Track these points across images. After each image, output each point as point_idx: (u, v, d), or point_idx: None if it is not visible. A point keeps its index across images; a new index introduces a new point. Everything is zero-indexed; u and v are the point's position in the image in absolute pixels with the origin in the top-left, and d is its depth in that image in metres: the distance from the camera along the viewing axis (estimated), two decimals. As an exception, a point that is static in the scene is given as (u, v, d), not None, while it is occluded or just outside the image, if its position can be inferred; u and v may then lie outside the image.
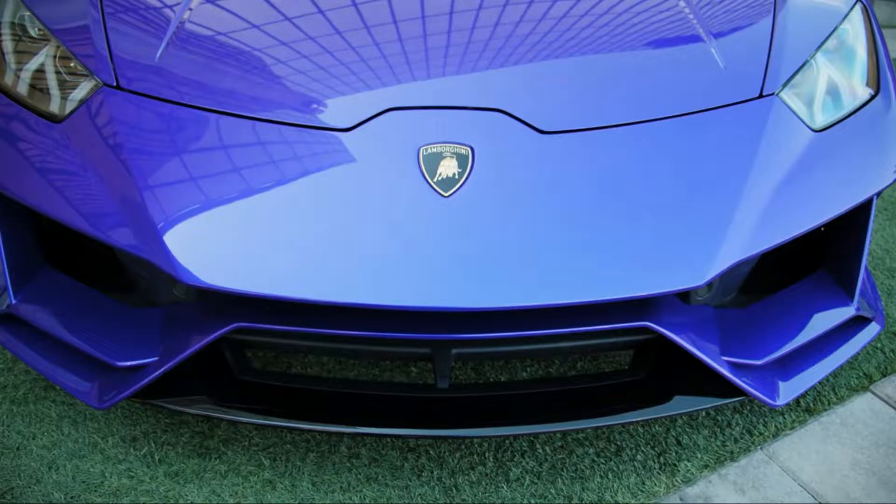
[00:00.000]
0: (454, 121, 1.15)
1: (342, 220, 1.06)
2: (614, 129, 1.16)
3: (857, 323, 1.42)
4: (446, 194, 1.08)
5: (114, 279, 1.34)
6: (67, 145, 1.19)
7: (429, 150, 1.11)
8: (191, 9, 1.37)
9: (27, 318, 1.28)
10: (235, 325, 1.09)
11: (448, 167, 1.10)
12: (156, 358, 1.17)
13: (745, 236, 1.10)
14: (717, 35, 1.36)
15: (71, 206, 1.14)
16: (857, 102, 1.35)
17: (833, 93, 1.35)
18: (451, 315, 1.09)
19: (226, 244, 1.06)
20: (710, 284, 1.10)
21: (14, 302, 1.29)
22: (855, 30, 1.46)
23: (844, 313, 1.35)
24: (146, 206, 1.08)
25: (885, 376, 1.59)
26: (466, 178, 1.09)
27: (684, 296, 1.21)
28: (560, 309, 1.06)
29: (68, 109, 1.23)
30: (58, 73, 1.29)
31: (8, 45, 1.38)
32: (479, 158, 1.11)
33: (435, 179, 1.09)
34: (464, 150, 1.12)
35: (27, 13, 1.39)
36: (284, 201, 1.09)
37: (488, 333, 1.08)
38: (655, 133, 1.17)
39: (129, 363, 1.18)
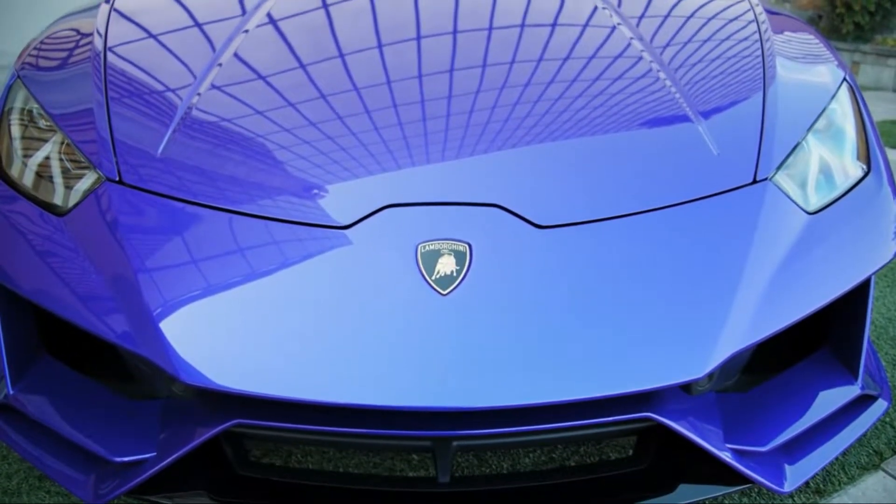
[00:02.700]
0: (452, 217, 1.16)
1: (342, 319, 1.07)
2: (611, 221, 1.17)
3: (864, 401, 1.40)
4: (444, 292, 1.08)
5: (112, 368, 1.33)
6: (69, 240, 1.20)
7: (427, 248, 1.12)
8: (199, 94, 1.40)
9: (23, 410, 1.27)
10: (235, 421, 1.09)
11: (446, 265, 1.11)
12: (154, 453, 1.15)
13: (745, 325, 1.10)
14: (707, 115, 1.38)
15: (70, 302, 1.14)
16: (850, 182, 1.37)
17: (826, 173, 1.37)
18: (452, 412, 1.08)
19: (225, 343, 1.06)
20: (710, 375, 1.10)
21: (11, 393, 1.28)
22: (843, 109, 1.50)
23: (849, 393, 1.33)
24: (146, 304, 1.08)
25: (895, 453, 1.57)
26: (464, 276, 1.10)
27: (686, 386, 1.20)
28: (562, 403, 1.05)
29: (71, 202, 1.24)
30: (62, 165, 1.31)
31: (16, 132, 1.41)
32: (477, 255, 1.12)
33: (433, 277, 1.09)
34: (461, 247, 1.13)
35: (35, 105, 1.43)
36: (284, 300, 1.09)
37: (488, 429, 1.07)
38: (652, 224, 1.18)
39: (126, 459, 1.16)
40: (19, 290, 1.22)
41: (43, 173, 1.32)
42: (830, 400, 1.31)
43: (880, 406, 1.41)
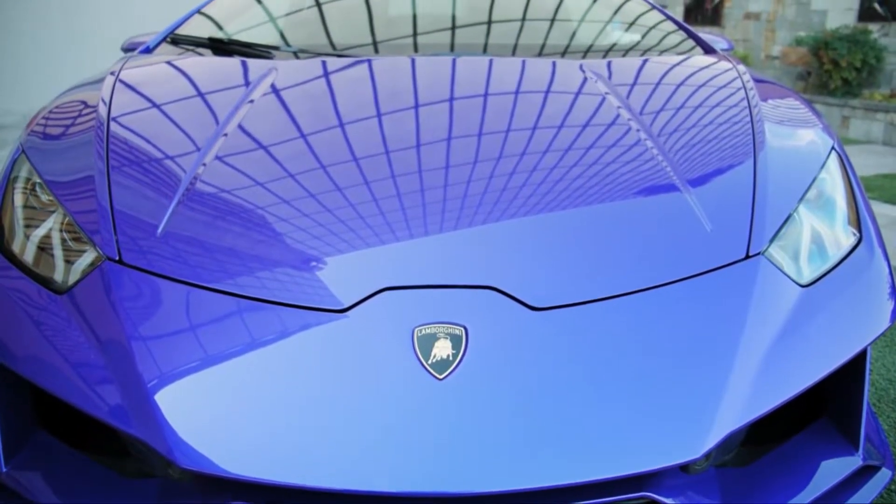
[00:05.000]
0: (447, 300, 1.17)
1: (339, 404, 1.07)
2: (606, 301, 1.18)
3: (867, 471, 1.38)
4: (440, 377, 1.09)
5: (108, 445, 1.32)
6: (66, 319, 1.20)
7: (423, 332, 1.13)
8: (204, 164, 1.42)
9: (16, 488, 1.26)
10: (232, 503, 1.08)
11: (442, 349, 1.11)
12: (148, 536, 1.14)
13: (741, 404, 1.10)
14: (699, 188, 1.40)
15: (67, 382, 1.14)
16: (842, 253, 1.38)
17: (818, 244, 1.38)
18: (451, 498, 1.07)
19: (223, 428, 1.06)
20: (708, 455, 1.09)
21: (4, 470, 1.27)
22: (833, 179, 1.52)
23: (851, 464, 1.32)
24: (144, 387, 1.09)
25: (901, 523, 1.54)
26: (461, 360, 1.10)
27: (684, 465, 1.19)
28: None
29: (71, 281, 1.25)
30: (63, 241, 1.32)
31: (19, 207, 1.43)
32: (473, 339, 1.13)
33: (429, 362, 1.10)
34: (457, 331, 1.13)
35: (38, 180, 1.45)
36: (281, 384, 1.09)
37: None
38: (646, 303, 1.19)
39: (120, 542, 1.14)
40: (14, 367, 1.22)
41: (44, 248, 1.33)
42: (832, 472, 1.30)
43: (884, 476, 1.39)
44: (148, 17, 6.26)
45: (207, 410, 1.08)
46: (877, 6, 7.76)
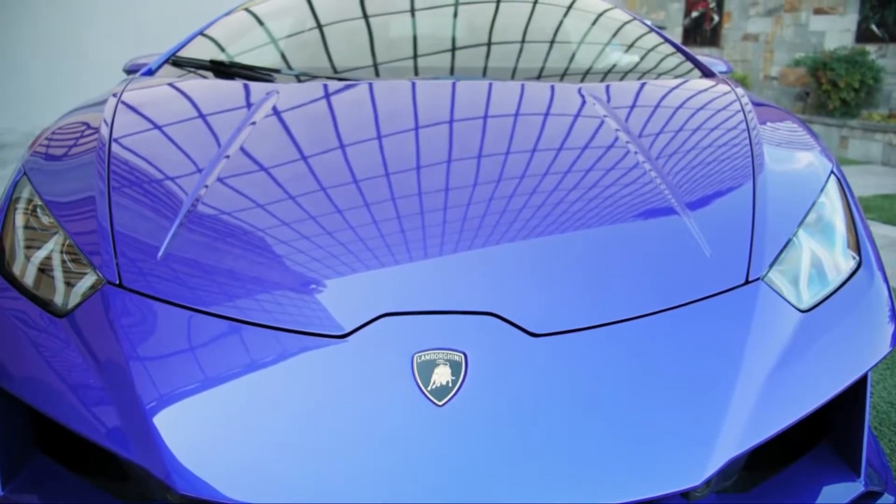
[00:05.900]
0: (447, 326, 1.17)
1: (338, 431, 1.07)
2: (605, 327, 1.18)
3: (869, 497, 1.38)
4: (440, 403, 1.08)
5: (107, 468, 1.31)
6: (65, 342, 1.20)
7: (423, 358, 1.13)
8: (206, 186, 1.42)
9: (13, 512, 1.25)
10: None
11: (442, 375, 1.11)
12: (145, 562, 1.13)
13: (742, 430, 1.10)
14: (699, 212, 1.41)
15: (65, 405, 1.14)
16: (841, 278, 1.38)
17: (818, 268, 1.38)
18: None
19: (221, 453, 1.06)
20: (708, 481, 1.09)
21: (2, 494, 1.26)
22: (832, 203, 1.52)
23: (853, 490, 1.31)
24: (144, 412, 1.08)
25: (904, 549, 1.53)
26: (460, 386, 1.10)
27: (685, 493, 1.19)
28: None
29: (71, 304, 1.25)
30: (64, 264, 1.33)
31: (20, 229, 1.43)
32: (473, 365, 1.13)
33: (429, 388, 1.10)
34: (457, 357, 1.13)
35: (39, 202, 1.45)
36: (282, 409, 1.09)
37: None
38: (646, 329, 1.19)
39: (116, 568, 1.13)
40: (12, 389, 1.21)
41: (44, 271, 1.33)
42: (833, 498, 1.29)
43: (887, 501, 1.38)
44: (150, 36, 6.31)
45: (206, 435, 1.07)
46: (874, 27, 7.83)
